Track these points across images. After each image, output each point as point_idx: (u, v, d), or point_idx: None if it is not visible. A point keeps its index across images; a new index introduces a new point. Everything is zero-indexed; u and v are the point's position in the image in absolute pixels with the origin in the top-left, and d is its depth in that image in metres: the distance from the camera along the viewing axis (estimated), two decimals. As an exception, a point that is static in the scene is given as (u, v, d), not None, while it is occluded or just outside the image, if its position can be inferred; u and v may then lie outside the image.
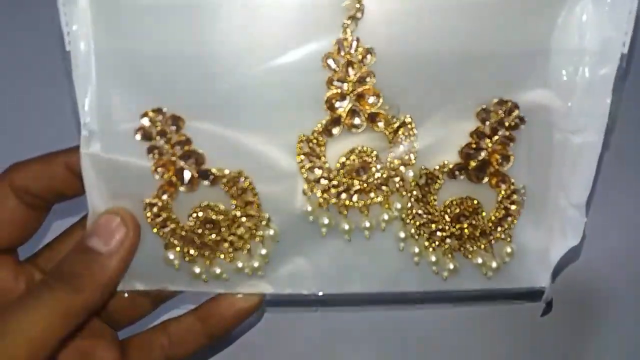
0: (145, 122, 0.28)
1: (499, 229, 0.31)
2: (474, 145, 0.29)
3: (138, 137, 0.28)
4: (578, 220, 0.30)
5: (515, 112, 0.29)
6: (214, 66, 0.27)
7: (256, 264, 0.31)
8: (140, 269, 0.31)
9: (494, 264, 0.32)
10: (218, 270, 0.31)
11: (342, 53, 0.27)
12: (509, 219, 0.31)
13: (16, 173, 0.29)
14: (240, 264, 0.31)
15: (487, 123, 0.29)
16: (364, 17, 0.27)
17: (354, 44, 0.27)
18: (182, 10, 0.27)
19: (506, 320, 0.37)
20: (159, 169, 0.29)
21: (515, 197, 0.31)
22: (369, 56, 0.28)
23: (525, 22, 0.27)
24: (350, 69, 0.28)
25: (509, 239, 0.31)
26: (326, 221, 0.30)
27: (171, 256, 0.31)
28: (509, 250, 0.32)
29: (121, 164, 0.29)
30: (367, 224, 0.31)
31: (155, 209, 0.30)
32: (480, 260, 0.32)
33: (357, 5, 0.27)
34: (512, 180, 0.30)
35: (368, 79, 0.28)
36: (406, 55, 0.27)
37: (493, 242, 0.31)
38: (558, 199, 0.30)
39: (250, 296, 0.32)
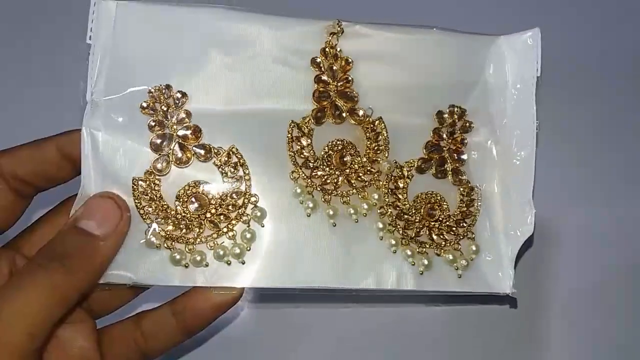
0: (150, 97, 0.31)
1: (464, 224, 0.34)
2: (434, 142, 0.35)
3: (144, 104, 0.30)
4: (529, 212, 0.35)
5: (465, 116, 0.35)
6: (217, 56, 0.32)
7: (237, 251, 0.31)
8: (120, 260, 0.30)
9: (464, 262, 0.34)
10: (199, 258, 0.31)
11: (328, 56, 0.33)
12: (471, 217, 0.35)
13: (3, 158, 0.29)
14: (221, 252, 0.31)
15: (444, 124, 0.35)
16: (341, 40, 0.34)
17: (337, 51, 0.34)
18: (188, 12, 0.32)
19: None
20: (157, 140, 0.30)
21: (473, 194, 0.35)
22: (348, 64, 0.34)
23: (461, 59, 0.36)
24: (334, 71, 0.33)
25: (472, 236, 0.35)
26: (310, 205, 0.32)
27: (153, 239, 0.30)
28: (474, 248, 0.34)
29: (120, 141, 0.30)
30: (352, 210, 0.33)
31: (143, 186, 0.30)
32: (451, 257, 0.34)
33: (337, 26, 0.34)
34: (466, 177, 0.35)
35: (348, 84, 0.34)
36: (372, 69, 0.34)
37: (459, 239, 0.34)
38: (509, 198, 0.35)
39: (228, 290, 0.31)
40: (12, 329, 0.24)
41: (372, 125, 0.34)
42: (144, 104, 0.30)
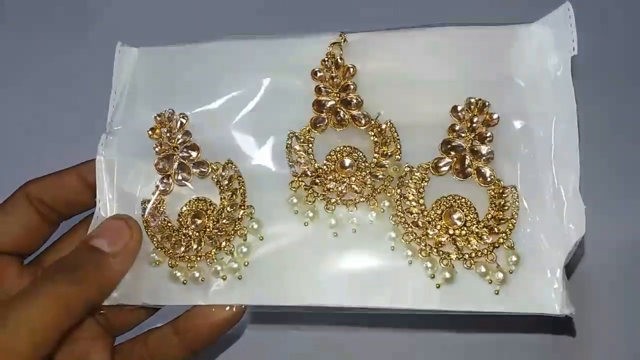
0: (156, 120, 0.32)
1: (496, 231, 0.29)
2: (451, 139, 0.31)
3: (151, 129, 0.32)
4: (579, 210, 0.28)
5: (486, 109, 0.31)
6: (220, 79, 0.33)
7: (235, 265, 0.30)
8: (127, 281, 0.30)
9: (500, 275, 0.29)
10: (197, 274, 0.30)
11: (328, 66, 0.33)
12: (506, 222, 0.30)
13: (32, 185, 0.32)
14: (218, 267, 0.30)
15: (462, 119, 0.31)
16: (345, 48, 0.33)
17: (338, 60, 0.33)
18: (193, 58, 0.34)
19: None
20: (161, 162, 0.31)
21: (506, 196, 0.30)
22: (350, 70, 0.33)
23: (482, 53, 0.32)
24: (334, 80, 0.32)
25: (511, 245, 0.29)
26: (310, 214, 0.30)
27: (157, 257, 0.30)
28: (514, 258, 0.29)
29: (131, 165, 0.32)
30: (356, 220, 0.30)
31: (150, 207, 0.31)
32: (483, 269, 0.29)
33: (340, 37, 0.33)
34: (495, 177, 0.30)
35: (350, 91, 0.32)
36: (381, 73, 0.32)
37: (492, 248, 0.29)
38: (553, 194, 0.29)
39: (227, 308, 0.29)
40: (17, 336, 0.25)
41: (379, 129, 0.31)
42: (151, 129, 0.32)
